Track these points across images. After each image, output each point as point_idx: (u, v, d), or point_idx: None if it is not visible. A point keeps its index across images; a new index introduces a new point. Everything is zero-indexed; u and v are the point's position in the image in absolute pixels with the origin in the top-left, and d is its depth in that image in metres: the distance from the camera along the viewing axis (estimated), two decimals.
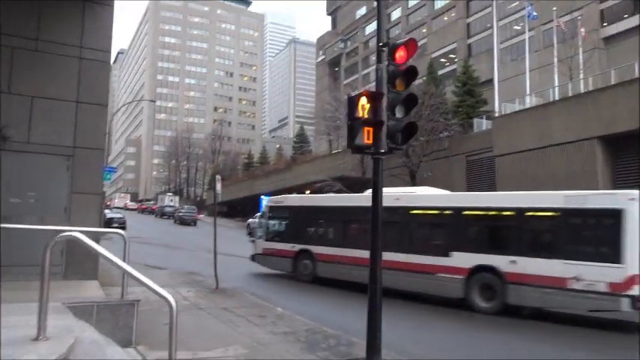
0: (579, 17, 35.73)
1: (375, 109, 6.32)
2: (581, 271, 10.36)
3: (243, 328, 8.03)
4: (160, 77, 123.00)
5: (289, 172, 55.98)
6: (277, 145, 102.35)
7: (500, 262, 11.45)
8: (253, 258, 17.53)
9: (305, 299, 12.95)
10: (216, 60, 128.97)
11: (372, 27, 71.73)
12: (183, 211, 55.37)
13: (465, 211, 12.69)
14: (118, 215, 43.00)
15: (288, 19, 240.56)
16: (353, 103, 6.31)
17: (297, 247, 15.93)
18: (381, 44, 6.50)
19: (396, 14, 68.84)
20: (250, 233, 17.78)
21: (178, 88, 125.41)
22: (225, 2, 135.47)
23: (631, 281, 9.85)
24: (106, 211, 42.10)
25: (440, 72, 51.97)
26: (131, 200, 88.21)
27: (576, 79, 31.10)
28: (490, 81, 44.54)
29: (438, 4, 62.05)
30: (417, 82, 41.77)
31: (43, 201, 9.89)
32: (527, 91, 33.23)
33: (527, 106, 30.56)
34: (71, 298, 6.61)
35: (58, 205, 10.09)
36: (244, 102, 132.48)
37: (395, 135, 6.38)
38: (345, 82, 76.15)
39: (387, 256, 13.43)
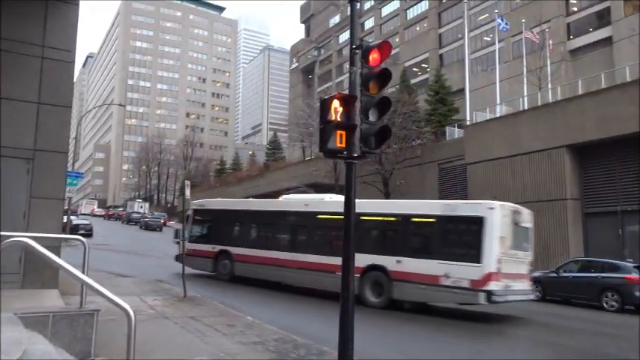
0: (547, 29, 36.60)
1: (347, 112, 6.16)
2: (450, 269, 11.86)
3: (211, 338, 7.73)
4: (130, 82, 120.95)
5: (262, 178, 55.62)
6: (250, 152, 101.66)
7: (388, 261, 12.88)
8: (177, 258, 18.13)
9: (276, 307, 12.70)
10: (188, 65, 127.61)
11: (345, 35, 72.09)
12: (149, 217, 56.70)
13: (362, 216, 13.39)
14: (85, 222, 41.84)
15: (262, 26, 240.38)
16: (325, 106, 6.14)
17: (218, 248, 17.09)
18: (354, 47, 6.37)
19: (369, 23, 69.40)
20: (176, 235, 18.85)
21: (150, 93, 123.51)
22: (199, 8, 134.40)
23: (487, 278, 11.37)
24: (72, 217, 40.94)
25: (412, 81, 52.56)
26: (99, 207, 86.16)
27: (545, 89, 31.76)
28: (461, 90, 45.24)
29: (411, 14, 62.84)
30: (389, 90, 42.26)
31: (1, 206, 9.41)
32: (498, 101, 33.78)
33: (498, 115, 31.02)
34: (25, 308, 6.23)
35: (16, 210, 9.64)
36: (217, 108, 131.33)
37: (368, 139, 6.23)
38: (319, 89, 76.26)
39: (298, 256, 15.60)
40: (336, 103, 6.10)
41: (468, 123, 33.40)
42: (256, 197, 34.31)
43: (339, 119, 6.10)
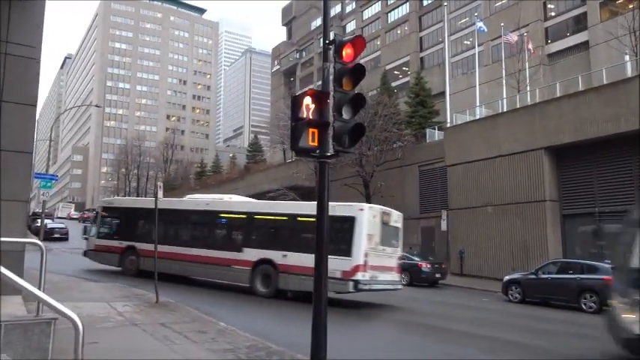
0: (525, 33, 36.93)
1: (320, 109, 5.92)
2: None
3: (179, 346, 7.40)
4: (109, 83, 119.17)
5: (242, 181, 55.12)
6: (231, 154, 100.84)
7: (276, 255, 14.38)
8: (85, 254, 19.38)
9: (253, 313, 12.39)
10: (169, 67, 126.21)
11: None
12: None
13: (255, 215, 15.85)
14: (60, 225, 41.00)
15: (243, 28, 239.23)
16: (297, 102, 5.91)
17: (125, 243, 17.97)
18: (327, 42, 6.14)
19: (351, 26, 69.42)
20: (85, 231, 20.42)
21: (129, 95, 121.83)
22: (179, 9, 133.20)
23: (355, 269, 13.05)
24: (48, 221, 39.98)
25: (393, 84, 52.65)
26: (75, 210, 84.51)
27: (524, 91, 31.98)
28: (442, 94, 45.40)
29: (392, 18, 63.02)
30: (370, 93, 42.18)
31: None
32: (478, 103, 33.93)
33: (478, 117, 31.12)
34: None
35: None
36: (198, 110, 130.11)
37: (342, 137, 5.99)
38: (301, 91, 75.84)
39: (200, 252, 16.14)
40: (307, 100, 5.86)
41: (448, 125, 33.47)
42: None
43: (311, 116, 5.86)
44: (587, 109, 23.08)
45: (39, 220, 23.11)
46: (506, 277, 19.71)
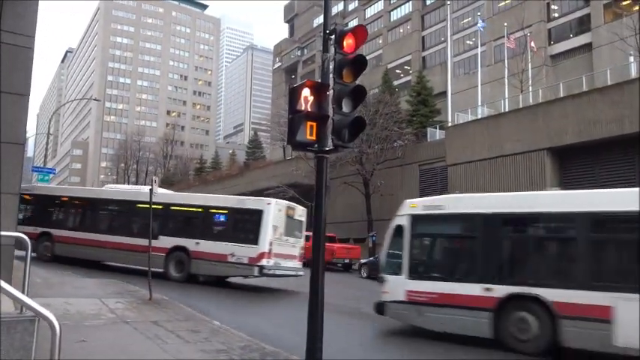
0: (529, 34, 36.65)
1: (319, 101, 5.68)
2: (235, 249, 14.90)
3: (171, 346, 7.15)
4: (110, 78, 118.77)
5: (241, 178, 54.83)
6: (230, 151, 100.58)
7: (189, 243, 15.59)
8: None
9: (249, 311, 12.16)
10: (170, 63, 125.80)
11: None
12: None
13: (171, 206, 16.77)
14: None
15: (245, 25, 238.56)
16: (295, 94, 5.66)
17: (39, 229, 18.43)
18: (327, 31, 5.89)
19: (353, 24, 68.73)
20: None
21: (130, 90, 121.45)
22: (181, 4, 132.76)
23: (261, 256, 14.55)
24: None
25: (395, 83, 52.33)
26: None
27: (526, 91, 31.72)
28: (443, 93, 45.17)
29: (395, 16, 62.69)
30: (371, 91, 41.89)
31: None
32: (480, 103, 33.68)
33: (480, 116, 30.86)
34: None
35: None
36: (199, 106, 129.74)
37: (341, 131, 5.74)
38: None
39: (112, 238, 17.18)
40: (306, 92, 5.62)
41: (449, 125, 33.22)
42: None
43: (309, 109, 5.62)
44: (591, 110, 22.83)
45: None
46: None
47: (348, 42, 5.74)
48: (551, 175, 24.69)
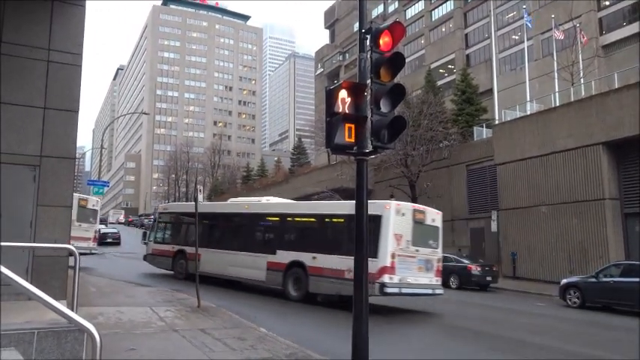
0: (578, 25, 35.13)
1: (356, 103, 5.54)
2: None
3: (217, 354, 7.16)
4: (159, 92, 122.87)
5: (287, 184, 55.25)
6: (276, 158, 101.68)
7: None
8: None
9: (296, 318, 12.09)
10: (215, 74, 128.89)
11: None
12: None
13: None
14: (113, 230, 42.24)
15: (286, 33, 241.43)
16: (331, 96, 5.54)
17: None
18: (363, 30, 5.75)
19: None
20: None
21: (177, 102, 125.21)
22: (224, 17, 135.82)
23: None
24: (101, 226, 41.32)
25: (438, 83, 51.41)
26: (126, 215, 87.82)
27: (578, 84, 30.37)
28: (489, 91, 43.99)
29: (436, 15, 61.71)
30: (415, 92, 41.30)
31: (7, 215, 9.08)
32: (528, 99, 32.54)
33: (528, 112, 29.78)
34: (13, 323, 5.77)
35: (22, 218, 9.31)
36: (244, 116, 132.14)
37: (380, 132, 5.57)
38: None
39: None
40: (343, 93, 5.49)
41: (496, 122, 32.25)
42: None
43: (347, 111, 5.48)
44: None
45: (97, 226, 24.05)
46: (564, 281, 18.62)
47: (385, 40, 5.58)
48: (608, 171, 23.49)
